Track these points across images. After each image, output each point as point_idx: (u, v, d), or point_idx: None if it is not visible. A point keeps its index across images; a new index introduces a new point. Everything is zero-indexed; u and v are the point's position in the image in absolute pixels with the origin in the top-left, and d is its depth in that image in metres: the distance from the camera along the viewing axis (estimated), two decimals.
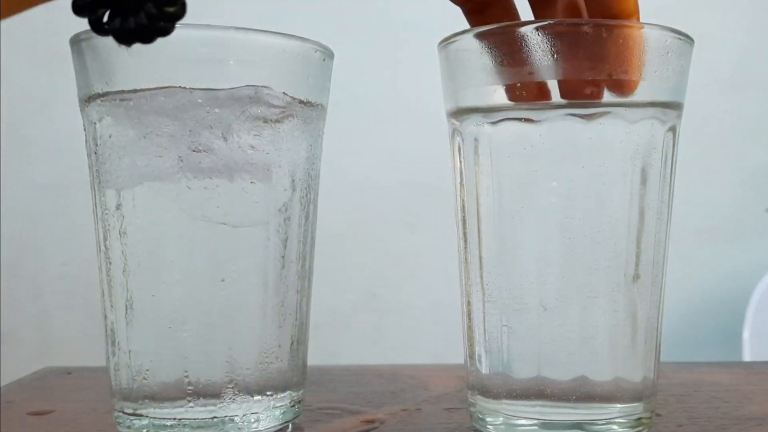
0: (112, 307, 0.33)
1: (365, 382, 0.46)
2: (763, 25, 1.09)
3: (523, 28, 0.30)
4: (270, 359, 0.33)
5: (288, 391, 0.34)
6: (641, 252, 0.32)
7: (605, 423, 0.31)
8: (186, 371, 0.31)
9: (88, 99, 0.32)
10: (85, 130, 0.33)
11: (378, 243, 1.08)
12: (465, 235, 0.34)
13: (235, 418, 0.32)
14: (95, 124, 0.32)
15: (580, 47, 0.30)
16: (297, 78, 0.33)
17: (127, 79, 0.30)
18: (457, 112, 0.33)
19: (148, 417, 0.32)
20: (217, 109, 0.30)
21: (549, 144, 0.31)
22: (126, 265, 0.32)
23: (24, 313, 1.07)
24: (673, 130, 0.32)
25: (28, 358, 1.04)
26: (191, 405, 0.31)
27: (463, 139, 0.33)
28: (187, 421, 0.31)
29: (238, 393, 0.32)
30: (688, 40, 0.32)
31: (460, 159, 0.33)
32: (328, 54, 0.34)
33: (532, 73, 0.30)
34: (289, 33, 0.32)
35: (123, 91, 0.31)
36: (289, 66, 0.32)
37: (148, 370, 0.32)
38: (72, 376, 0.49)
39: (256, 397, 0.32)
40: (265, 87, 0.31)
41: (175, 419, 0.31)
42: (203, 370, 0.32)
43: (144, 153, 0.31)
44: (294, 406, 0.34)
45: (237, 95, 0.31)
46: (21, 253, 1.06)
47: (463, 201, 0.34)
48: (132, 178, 0.31)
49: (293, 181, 0.33)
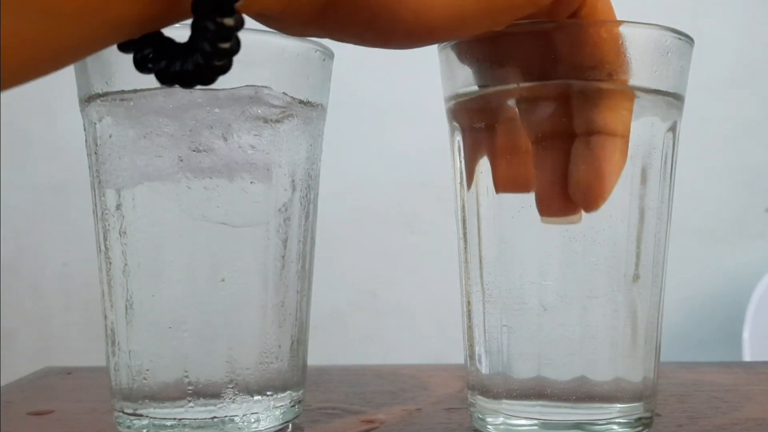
0: (112, 307, 0.33)
1: (365, 382, 0.46)
2: (763, 25, 1.09)
3: (523, 29, 0.30)
4: (270, 359, 0.33)
5: (288, 391, 0.34)
6: (641, 252, 0.32)
7: (605, 423, 0.31)
8: (186, 371, 0.31)
9: (88, 99, 0.32)
10: (85, 130, 0.33)
11: (378, 243, 1.08)
12: (465, 235, 0.34)
13: (235, 418, 0.32)
14: (95, 124, 0.32)
15: (580, 48, 0.30)
16: (297, 78, 0.33)
17: (127, 79, 0.30)
18: (457, 112, 0.33)
19: (148, 417, 0.32)
20: (217, 109, 0.30)
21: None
22: (126, 265, 0.32)
23: (24, 313, 1.07)
24: (673, 129, 0.32)
25: (28, 358, 1.04)
26: (191, 405, 0.31)
27: (463, 139, 0.33)
28: (187, 421, 0.31)
29: (238, 393, 0.32)
30: (688, 40, 0.32)
31: (460, 159, 0.33)
32: (328, 54, 0.34)
33: (532, 73, 0.30)
34: None
35: (123, 91, 0.31)
36: (289, 66, 0.32)
37: (148, 370, 0.32)
38: (72, 376, 0.49)
39: (256, 397, 0.32)
40: (265, 87, 0.31)
41: (175, 419, 0.31)
42: (203, 370, 0.32)
43: (144, 153, 0.31)
44: (294, 406, 0.34)
45: (237, 95, 0.31)
46: (21, 253, 1.06)
47: (463, 201, 0.34)
48: (132, 178, 0.31)
49: (293, 181, 0.33)
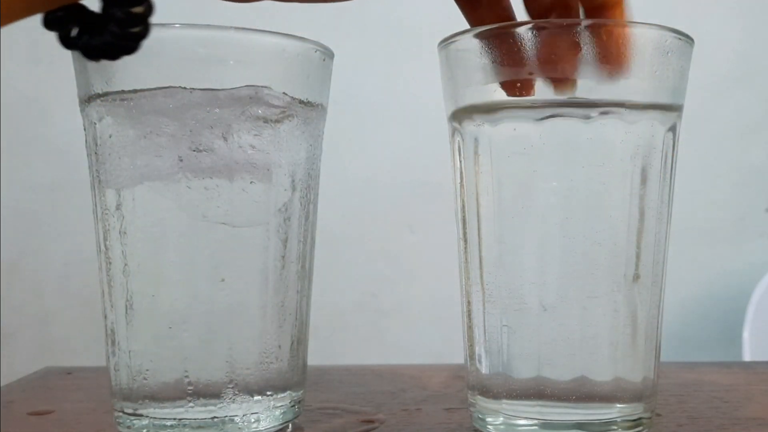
0: (112, 307, 0.33)
1: (365, 382, 0.46)
2: (763, 24, 1.09)
3: (522, 28, 0.30)
4: (270, 359, 0.33)
5: (288, 391, 0.34)
6: (641, 252, 0.32)
7: (605, 423, 0.31)
8: (186, 371, 0.31)
9: (88, 99, 0.32)
10: (85, 130, 0.33)
11: (378, 243, 1.08)
12: (465, 235, 0.34)
13: (235, 418, 0.32)
14: (95, 124, 0.32)
15: (579, 46, 0.30)
16: (297, 78, 0.33)
17: (127, 79, 0.30)
18: (457, 112, 0.33)
19: (148, 417, 0.32)
20: (217, 109, 0.30)
21: (549, 144, 0.31)
22: (126, 265, 0.32)
23: (24, 313, 1.07)
24: (673, 129, 0.32)
25: (28, 358, 1.04)
26: (191, 405, 0.31)
27: (463, 139, 0.33)
28: (187, 421, 0.31)
29: (238, 393, 0.32)
30: (688, 40, 0.32)
31: (460, 159, 0.33)
32: (328, 54, 0.34)
33: (531, 73, 0.30)
34: (289, 33, 0.32)
35: (123, 91, 0.31)
36: (289, 66, 0.32)
37: (148, 370, 0.32)
38: (72, 376, 0.49)
39: (256, 397, 0.32)
40: (265, 87, 0.31)
41: (175, 419, 0.31)
42: (203, 370, 0.32)
43: (144, 153, 0.31)
44: (294, 406, 0.34)
45: (237, 95, 0.31)
46: (21, 253, 1.06)
47: (463, 201, 0.34)
48: (132, 178, 0.31)
49: (293, 181, 0.33)
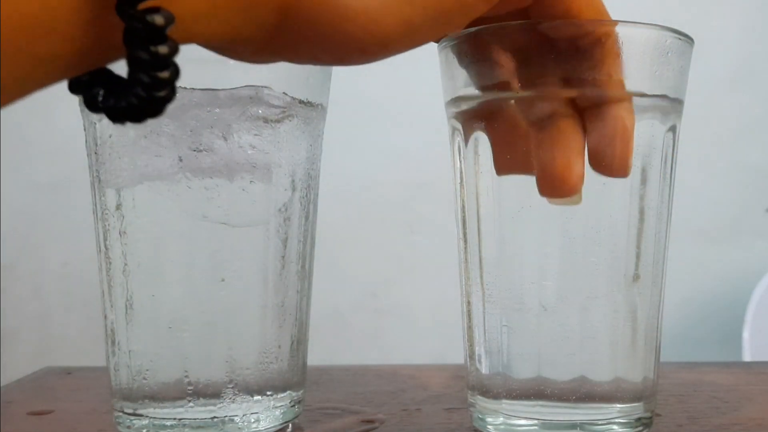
0: (112, 307, 0.33)
1: (365, 382, 0.46)
2: (763, 25, 1.09)
3: (523, 28, 0.30)
4: (270, 359, 0.33)
5: (288, 391, 0.34)
6: (641, 252, 0.32)
7: (605, 423, 0.31)
8: (186, 371, 0.31)
9: None
10: (85, 130, 0.33)
11: (378, 243, 1.08)
12: (465, 235, 0.34)
13: (235, 418, 0.32)
14: (95, 124, 0.32)
15: (579, 47, 0.30)
16: (297, 78, 0.33)
17: None
18: (457, 112, 0.33)
19: (148, 417, 0.32)
20: (217, 109, 0.30)
21: None
22: (126, 265, 0.32)
23: (24, 313, 1.07)
24: (673, 129, 0.32)
25: (28, 358, 1.04)
26: (191, 405, 0.31)
27: (463, 139, 0.33)
28: (187, 421, 0.31)
29: (238, 393, 0.32)
30: (688, 40, 0.32)
31: (460, 159, 0.33)
32: None
33: (532, 73, 0.30)
34: None
35: None
36: (289, 66, 0.32)
37: (148, 370, 0.32)
38: (72, 376, 0.49)
39: (256, 397, 0.32)
40: (265, 87, 0.31)
41: (175, 419, 0.31)
42: (203, 370, 0.32)
43: (144, 153, 0.31)
44: (294, 406, 0.34)
45: (237, 95, 0.31)
46: (21, 253, 1.06)
47: (463, 201, 0.34)
48: (132, 178, 0.31)
49: (293, 181, 0.33)
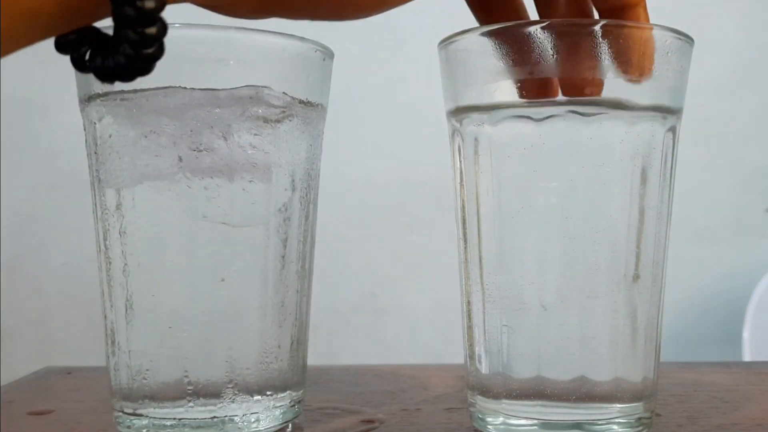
0: (112, 307, 0.33)
1: (365, 382, 0.46)
2: (763, 25, 1.09)
3: (523, 28, 0.30)
4: (270, 359, 0.33)
5: (288, 391, 0.34)
6: (641, 252, 0.32)
7: (605, 423, 0.31)
8: (186, 371, 0.31)
9: (88, 99, 0.32)
10: (85, 130, 0.33)
11: (378, 243, 1.08)
12: (465, 235, 0.34)
13: (235, 418, 0.32)
14: (95, 124, 0.32)
15: (581, 47, 0.30)
16: (297, 78, 0.33)
17: None
18: (457, 112, 0.33)
19: (148, 417, 0.32)
20: (217, 109, 0.30)
21: (549, 144, 0.31)
22: (126, 265, 0.32)
23: (24, 313, 1.07)
24: (673, 130, 0.32)
25: (28, 358, 1.04)
26: (191, 405, 0.31)
27: (463, 139, 0.33)
28: (187, 421, 0.31)
29: (238, 393, 0.32)
30: (688, 40, 0.32)
31: (460, 159, 0.33)
32: (328, 54, 0.34)
33: (532, 73, 0.30)
34: (289, 33, 0.32)
35: (123, 91, 0.31)
36: (289, 66, 0.32)
37: (148, 370, 0.32)
38: (72, 376, 0.49)
39: (256, 397, 0.32)
40: (265, 87, 0.31)
41: (175, 419, 0.31)
42: (203, 370, 0.32)
43: (144, 153, 0.31)
44: (294, 406, 0.34)
45: (237, 95, 0.31)
46: (21, 253, 1.06)
47: (463, 201, 0.34)
48: (132, 178, 0.31)
49: (293, 181, 0.33)
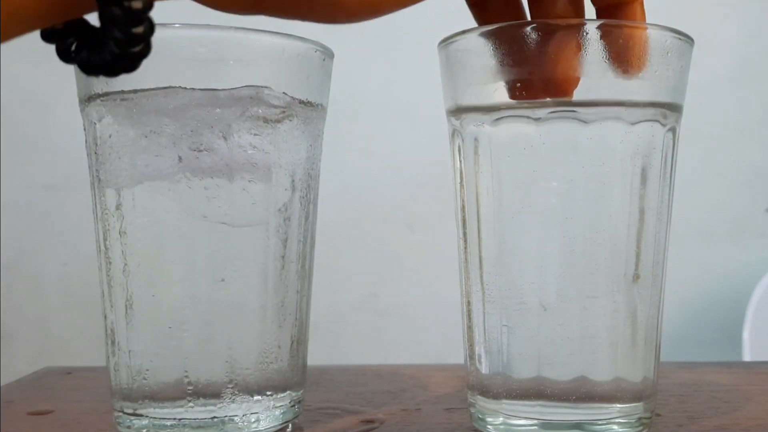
0: (112, 307, 0.33)
1: (365, 382, 0.46)
2: (763, 25, 1.09)
3: (523, 28, 0.30)
4: (270, 359, 0.33)
5: (288, 391, 0.34)
6: (641, 252, 0.32)
7: (605, 423, 0.31)
8: (186, 371, 0.31)
9: (88, 99, 0.32)
10: (85, 130, 0.33)
11: (378, 243, 1.07)
12: (465, 235, 0.34)
13: (235, 418, 0.32)
14: (95, 124, 0.32)
15: (579, 47, 0.30)
16: (297, 78, 0.33)
17: (127, 79, 0.30)
18: (457, 112, 0.33)
19: (148, 417, 0.32)
20: (217, 109, 0.30)
21: (549, 144, 0.31)
22: (126, 265, 0.32)
23: (24, 313, 1.07)
24: (673, 130, 0.32)
25: (28, 358, 1.04)
26: (191, 405, 0.31)
27: (463, 139, 0.33)
28: (187, 421, 0.31)
29: (238, 393, 0.32)
30: (688, 40, 0.32)
31: (460, 159, 0.33)
32: (328, 54, 0.34)
33: (532, 73, 0.30)
34: (289, 33, 0.32)
35: (123, 91, 0.31)
36: (289, 66, 0.32)
37: (148, 370, 0.32)
38: (72, 376, 0.49)
39: (256, 397, 0.32)
40: (265, 87, 0.31)
41: (175, 419, 0.31)
42: (203, 370, 0.32)
43: (144, 153, 0.31)
44: (294, 406, 0.34)
45: (237, 95, 0.31)
46: (21, 253, 1.06)
47: (463, 201, 0.34)
48: (132, 178, 0.31)
49: (293, 181, 0.33)
